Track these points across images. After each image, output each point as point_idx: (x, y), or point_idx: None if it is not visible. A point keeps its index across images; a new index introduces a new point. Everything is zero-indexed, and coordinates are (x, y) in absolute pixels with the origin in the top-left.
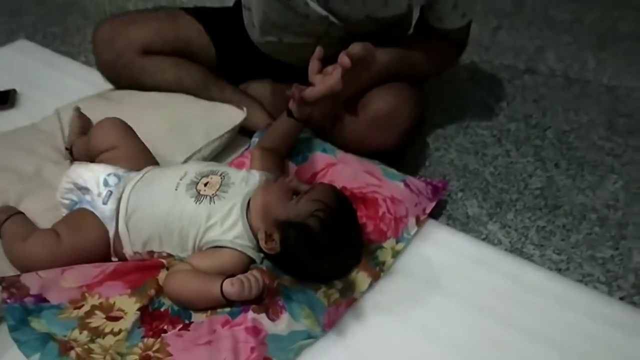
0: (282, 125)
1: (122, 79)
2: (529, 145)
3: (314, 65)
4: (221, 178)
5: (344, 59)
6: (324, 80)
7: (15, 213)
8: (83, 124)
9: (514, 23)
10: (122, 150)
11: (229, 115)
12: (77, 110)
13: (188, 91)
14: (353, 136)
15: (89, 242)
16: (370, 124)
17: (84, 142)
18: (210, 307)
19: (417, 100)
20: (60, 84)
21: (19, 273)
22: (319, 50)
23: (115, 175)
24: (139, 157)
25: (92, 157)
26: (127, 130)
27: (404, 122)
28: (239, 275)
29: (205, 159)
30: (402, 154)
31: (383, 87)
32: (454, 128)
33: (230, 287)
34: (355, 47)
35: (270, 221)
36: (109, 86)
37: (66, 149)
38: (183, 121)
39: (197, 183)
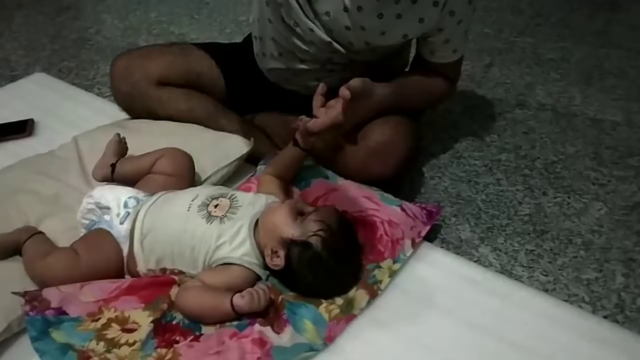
0: (289, 154)
1: (137, 108)
2: (519, 174)
3: (317, 100)
4: (230, 201)
5: (344, 91)
6: (327, 113)
7: (35, 233)
8: (121, 148)
9: (505, 60)
10: (177, 181)
11: (237, 145)
12: (118, 135)
13: (199, 121)
14: (353, 165)
15: (105, 261)
16: (368, 154)
17: (133, 162)
18: (220, 321)
19: (412, 133)
20: (75, 114)
21: (40, 288)
22: (322, 87)
23: (135, 198)
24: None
25: (142, 174)
26: (192, 168)
27: (400, 153)
28: (247, 289)
29: (214, 185)
30: (398, 181)
31: (381, 120)
32: (448, 158)
33: (241, 299)
34: (355, 81)
35: (276, 239)
36: (122, 115)
37: (111, 164)
38: (194, 149)
39: (208, 205)
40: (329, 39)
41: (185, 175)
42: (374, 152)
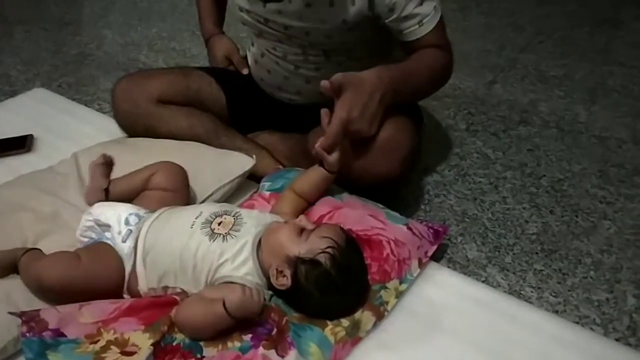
0: (315, 174)
1: (138, 126)
2: (525, 192)
3: (324, 116)
4: (234, 218)
5: (323, 82)
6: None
7: (33, 248)
8: (109, 168)
9: (508, 77)
10: (174, 196)
11: (239, 162)
12: (103, 156)
13: (200, 138)
14: (357, 166)
15: (106, 270)
16: (372, 152)
17: (126, 181)
18: (218, 330)
19: (413, 130)
20: (75, 130)
21: (38, 308)
22: (325, 112)
23: (136, 215)
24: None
25: (137, 192)
26: (187, 181)
27: (404, 148)
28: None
29: (216, 202)
30: (404, 199)
31: (383, 116)
32: (453, 175)
33: (232, 293)
34: (335, 75)
35: (282, 257)
36: (123, 132)
37: (104, 189)
38: (196, 167)
39: (212, 222)
40: (287, 24)
41: (181, 189)
42: (378, 148)
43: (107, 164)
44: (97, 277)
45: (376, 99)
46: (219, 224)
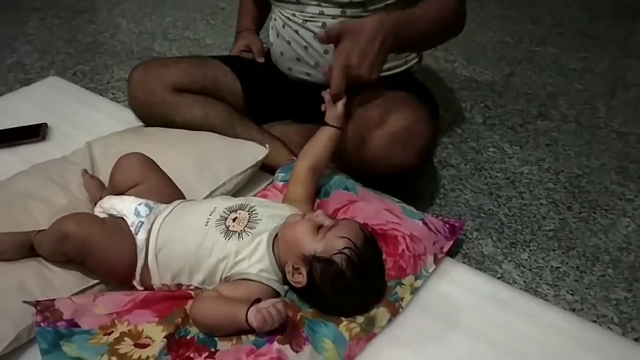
0: (320, 136)
1: (153, 115)
2: (542, 188)
3: (326, 69)
4: (249, 214)
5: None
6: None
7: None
8: (97, 183)
9: (526, 70)
10: (147, 185)
11: (252, 152)
12: (85, 172)
13: (214, 128)
14: (373, 155)
15: (123, 245)
16: (389, 141)
17: (109, 190)
18: (235, 332)
19: (431, 120)
20: (89, 119)
21: (53, 298)
22: (326, 64)
23: (146, 205)
24: (165, 190)
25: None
26: (149, 164)
27: (422, 137)
28: (263, 305)
29: (228, 193)
30: (419, 193)
31: (400, 105)
32: (469, 170)
33: (254, 317)
34: (332, 25)
35: (298, 255)
36: (136, 121)
37: (94, 204)
38: (208, 157)
39: (226, 219)
40: None
41: (148, 177)
42: (395, 137)
43: (93, 178)
44: (115, 247)
45: (376, 45)
46: (234, 220)
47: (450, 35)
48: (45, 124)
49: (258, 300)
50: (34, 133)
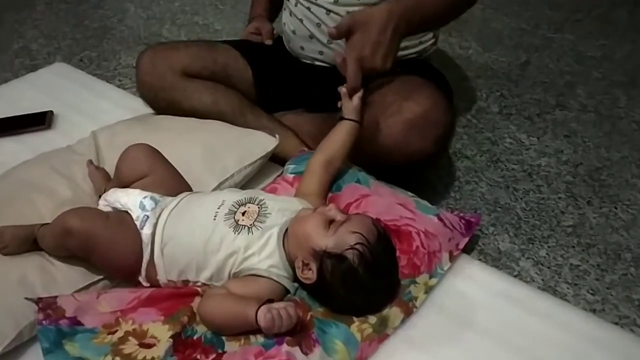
0: (340, 129)
1: (161, 100)
2: (561, 181)
3: (338, 58)
4: (258, 207)
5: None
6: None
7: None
8: (102, 174)
9: (543, 58)
10: (153, 178)
11: (262, 142)
12: (90, 162)
13: (224, 115)
14: (389, 142)
15: (126, 240)
16: (405, 128)
17: (114, 182)
18: (244, 331)
19: (448, 105)
20: (95, 107)
21: (55, 295)
22: (338, 54)
23: (151, 198)
24: (171, 182)
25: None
26: (155, 156)
27: (438, 124)
28: (275, 306)
29: (237, 185)
30: (433, 185)
31: (416, 91)
32: (485, 162)
33: (263, 317)
34: (341, 19)
35: (308, 250)
36: (144, 109)
37: (99, 196)
38: (216, 147)
39: (235, 212)
40: None
41: (155, 169)
42: (411, 124)
43: (98, 168)
44: (119, 242)
45: (387, 34)
46: (243, 213)
47: (463, 9)
48: (51, 111)
49: (271, 301)
50: (40, 121)
